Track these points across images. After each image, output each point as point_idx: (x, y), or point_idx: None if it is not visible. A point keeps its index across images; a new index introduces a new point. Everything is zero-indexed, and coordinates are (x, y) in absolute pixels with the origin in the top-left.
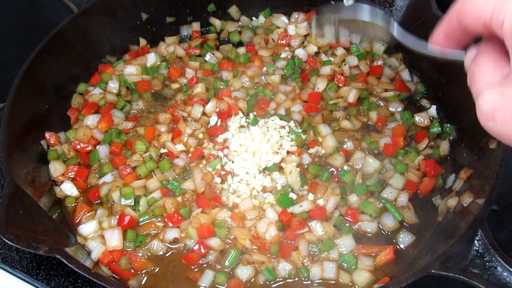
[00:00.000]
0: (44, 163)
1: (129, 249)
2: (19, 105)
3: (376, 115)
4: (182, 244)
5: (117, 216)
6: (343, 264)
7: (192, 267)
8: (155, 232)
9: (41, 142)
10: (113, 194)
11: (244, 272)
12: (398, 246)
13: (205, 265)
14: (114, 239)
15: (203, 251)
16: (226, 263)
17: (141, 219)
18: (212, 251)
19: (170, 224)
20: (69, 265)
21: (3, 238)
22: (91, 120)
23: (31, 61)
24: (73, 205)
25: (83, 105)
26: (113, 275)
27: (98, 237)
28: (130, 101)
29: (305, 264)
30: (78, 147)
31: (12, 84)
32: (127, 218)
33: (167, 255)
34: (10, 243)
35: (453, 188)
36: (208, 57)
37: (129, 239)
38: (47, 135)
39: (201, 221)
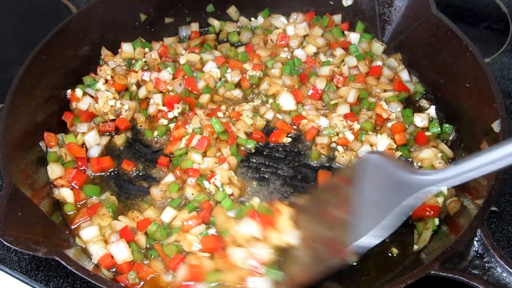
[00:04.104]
0: (43, 165)
1: (138, 260)
2: (18, 106)
3: (375, 115)
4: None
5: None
6: None
7: None
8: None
9: (40, 143)
10: None
11: None
12: None
13: None
14: (121, 252)
15: None
16: None
17: None
18: None
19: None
20: (68, 266)
21: (2, 240)
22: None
23: (29, 62)
24: (72, 212)
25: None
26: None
27: (98, 239)
28: None
29: None
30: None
31: (11, 85)
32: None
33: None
34: (8, 245)
35: (451, 188)
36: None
37: (134, 250)
38: (45, 136)
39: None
